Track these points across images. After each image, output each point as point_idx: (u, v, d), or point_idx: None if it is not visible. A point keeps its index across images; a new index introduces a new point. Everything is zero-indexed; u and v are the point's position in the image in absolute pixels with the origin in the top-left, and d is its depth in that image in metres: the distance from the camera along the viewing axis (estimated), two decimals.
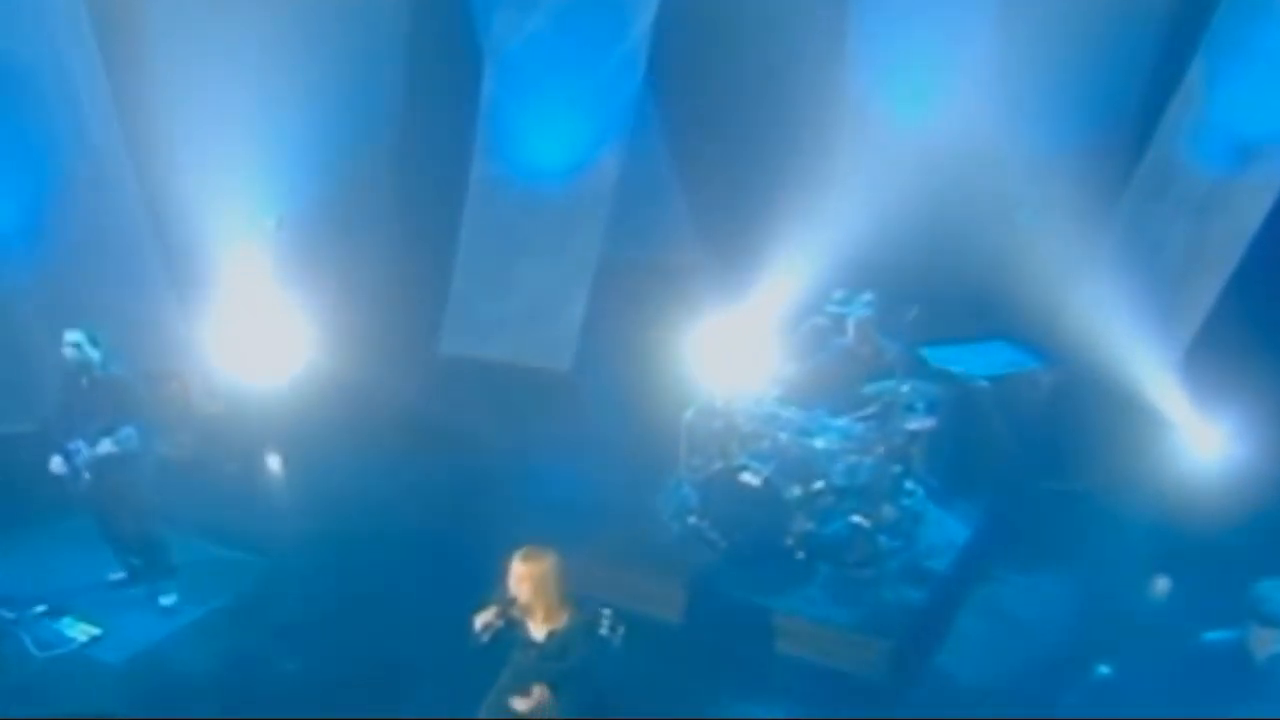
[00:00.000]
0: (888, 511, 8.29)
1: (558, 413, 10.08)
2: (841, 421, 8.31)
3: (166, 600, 8.06)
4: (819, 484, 8.24)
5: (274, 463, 9.44)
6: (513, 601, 6.17)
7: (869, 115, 10.15)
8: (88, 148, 9.26)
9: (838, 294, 8.51)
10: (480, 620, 6.05)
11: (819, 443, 8.28)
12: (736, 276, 8.88)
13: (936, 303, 8.72)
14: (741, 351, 8.60)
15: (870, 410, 8.28)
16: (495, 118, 11.21)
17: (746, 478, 8.23)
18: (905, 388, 8.04)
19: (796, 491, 8.18)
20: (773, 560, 8.05)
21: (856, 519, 8.31)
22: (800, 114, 10.09)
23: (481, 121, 11.26)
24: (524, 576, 6.14)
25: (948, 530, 8.67)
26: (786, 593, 7.95)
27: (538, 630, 6.32)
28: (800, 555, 8.17)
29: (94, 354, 7.79)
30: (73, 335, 7.78)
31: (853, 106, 10.17)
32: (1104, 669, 6.44)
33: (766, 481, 8.15)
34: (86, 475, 7.72)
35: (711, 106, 11.16)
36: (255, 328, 9.69)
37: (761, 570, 7.97)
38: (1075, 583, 8.24)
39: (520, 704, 6.20)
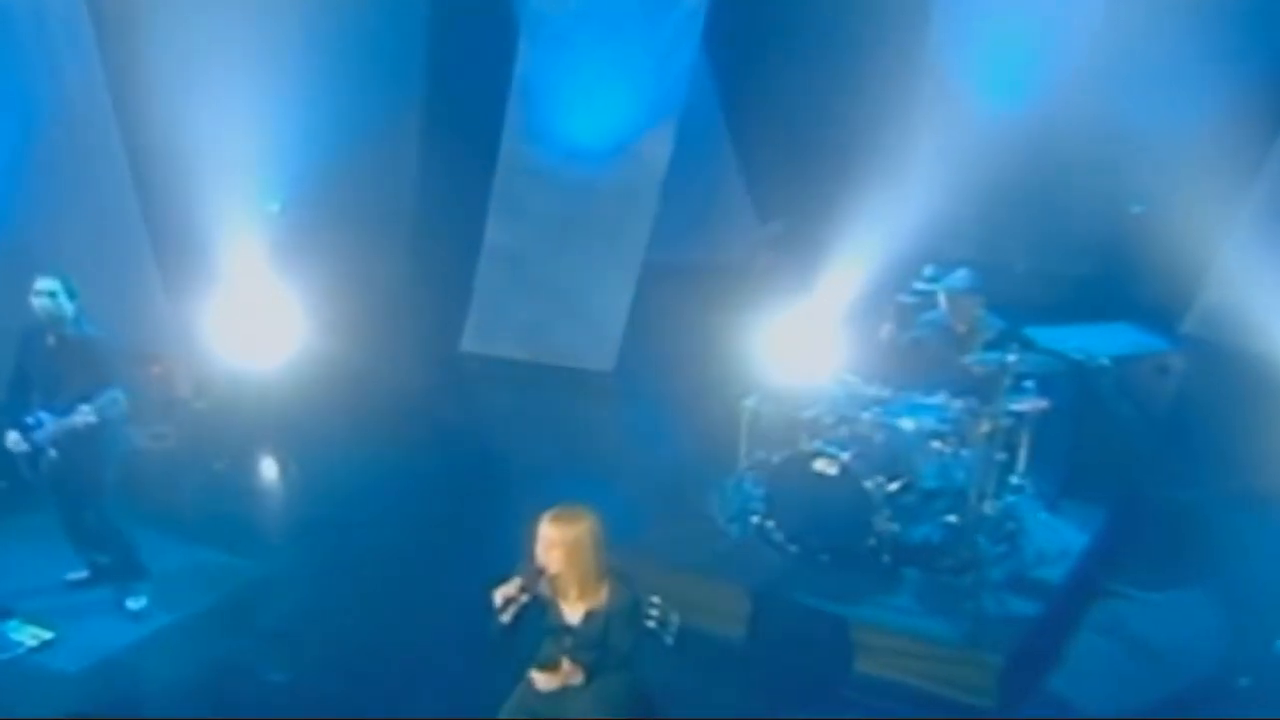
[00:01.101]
0: (989, 509, 7.75)
1: (597, 414, 9.98)
2: (936, 400, 7.81)
3: (134, 604, 7.58)
4: (907, 474, 7.80)
5: (267, 463, 9.24)
6: (540, 573, 5.54)
7: (957, 88, 10.19)
8: (71, 114, 9.22)
9: (928, 269, 8.30)
10: (501, 594, 5.45)
11: (908, 424, 7.80)
12: (803, 271, 8.68)
13: (1047, 284, 8.59)
14: (813, 338, 8.27)
15: (968, 388, 7.83)
16: (529, 95, 11.17)
17: (821, 466, 7.75)
18: (1012, 357, 7.30)
19: (881, 482, 7.69)
20: (852, 565, 7.63)
21: (951, 518, 7.85)
22: (878, 87, 10.07)
23: (513, 99, 11.21)
24: (555, 542, 5.51)
25: (1061, 535, 8.15)
26: (869, 602, 7.49)
27: (571, 611, 5.68)
28: (885, 559, 7.67)
29: (69, 307, 7.20)
30: (47, 283, 7.17)
31: (937, 77, 10.23)
32: (1248, 706, 6.28)
33: (845, 470, 7.66)
34: (52, 453, 7.14)
35: (776, 81, 11.10)
36: (251, 317, 9.65)
37: (838, 576, 7.59)
38: (1214, 603, 7.79)
39: (543, 681, 5.59)
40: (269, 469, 9.17)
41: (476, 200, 11.19)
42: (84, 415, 7.01)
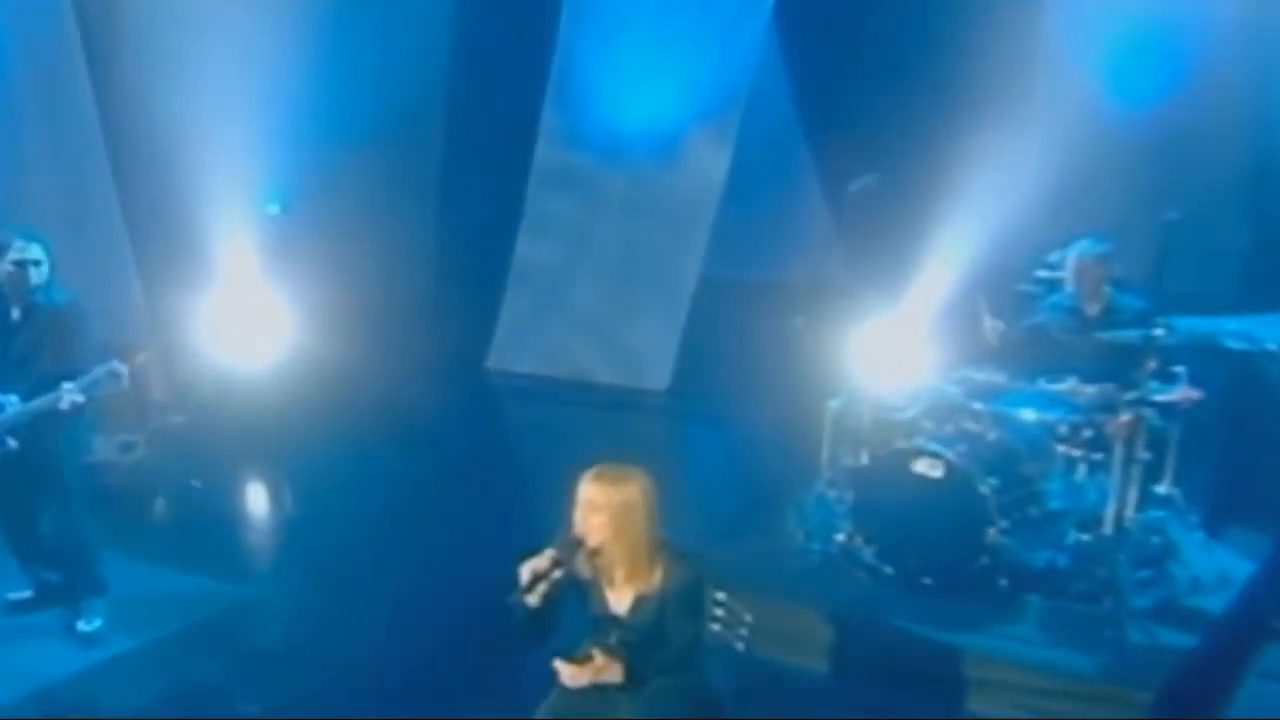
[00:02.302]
0: (1130, 522, 7.19)
1: (648, 431, 9.98)
2: (1063, 386, 7.34)
3: (87, 624, 7.11)
4: (1028, 477, 7.32)
5: (252, 480, 9.04)
6: (579, 546, 4.97)
7: (1077, 77, 10.01)
8: (49, 97, 9.31)
9: (1053, 256, 8.00)
10: (529, 568, 4.87)
11: (1028, 415, 7.34)
12: (891, 285, 8.29)
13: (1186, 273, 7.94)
14: (907, 334, 7.93)
15: (1102, 374, 7.36)
16: (570, 81, 11.09)
17: (922, 468, 7.22)
18: (1159, 331, 6.86)
19: (996, 487, 7.12)
20: (960, 588, 7.13)
21: (1083, 535, 7.34)
22: (984, 74, 9.85)
23: (552, 86, 11.16)
24: (598, 505, 4.95)
25: (1219, 559, 7.58)
26: (982, 630, 6.94)
27: (618, 597, 5.12)
28: (1003, 582, 7.11)
29: (44, 273, 6.78)
30: (32, 250, 6.74)
31: (1054, 65, 10.09)
32: None
33: (952, 472, 7.13)
34: (10, 443, 6.63)
35: (860, 66, 10.82)
36: (239, 320, 9.74)
37: (943, 601, 7.10)
38: None
39: (570, 674, 5.04)
40: (255, 487, 8.98)
41: (507, 205, 11.23)
42: (70, 394, 6.48)
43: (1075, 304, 7.73)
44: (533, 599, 4.84)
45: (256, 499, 8.86)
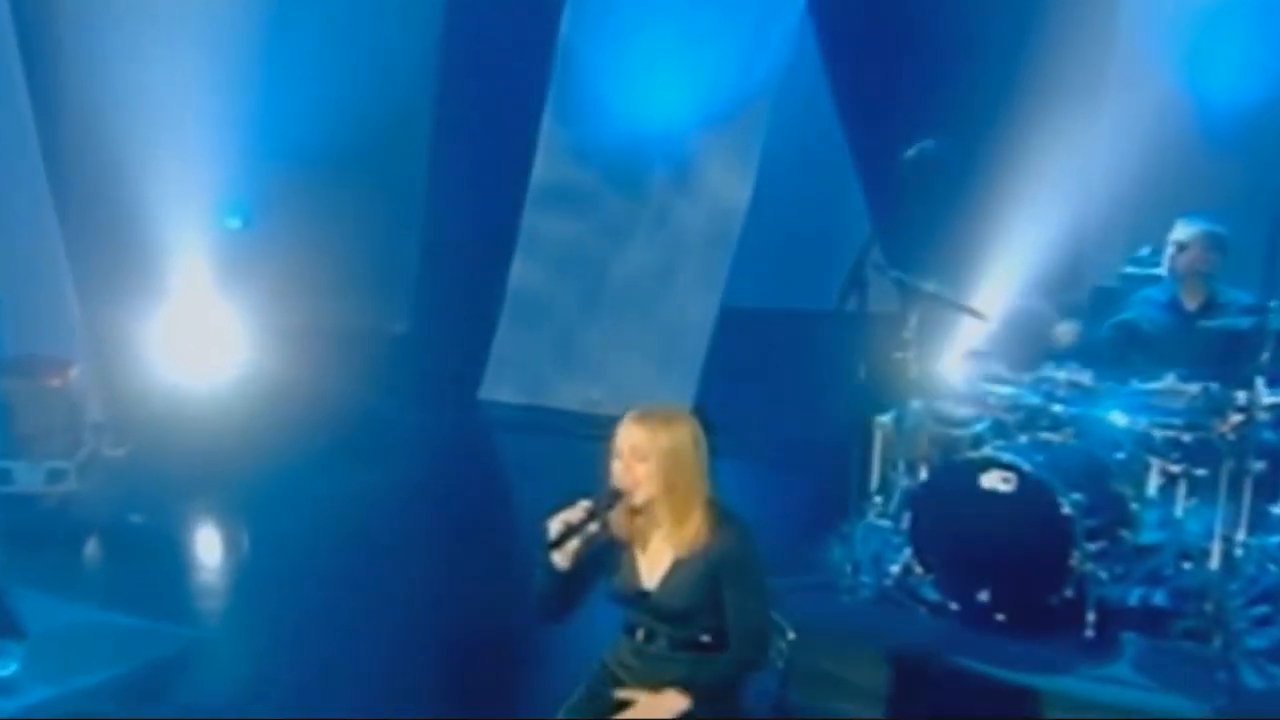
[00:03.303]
0: (1242, 547, 6.83)
1: None
2: (1160, 385, 7.00)
3: (2, 669, 6.81)
4: (1119, 492, 7.01)
5: (201, 520, 8.88)
6: (617, 497, 4.72)
7: (1153, 69, 9.84)
8: None
9: (1143, 250, 7.88)
10: (561, 520, 4.67)
11: (1119, 419, 7.03)
12: (950, 273, 8.14)
13: None
14: (965, 339, 7.86)
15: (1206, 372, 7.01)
16: (572, 89, 10.93)
17: (992, 483, 6.88)
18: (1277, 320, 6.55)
19: (1081, 504, 6.77)
20: (1040, 625, 6.81)
21: (1186, 563, 7.05)
22: (1055, 65, 9.64)
23: (553, 94, 11.02)
24: (644, 450, 4.70)
25: None
26: (1070, 671, 6.61)
27: (650, 566, 4.85)
28: (1091, 617, 6.76)
29: None
30: None
31: (1127, 56, 9.92)
32: None
33: (1028, 485, 6.78)
34: None
35: (909, 60, 10.33)
36: (189, 338, 9.97)
37: (1020, 641, 6.77)
38: None
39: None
40: (203, 523, 8.86)
41: (499, 224, 11.13)
42: None
43: (1172, 297, 7.50)
44: (561, 559, 4.65)
45: (205, 538, 8.72)
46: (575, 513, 4.67)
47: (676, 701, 4.71)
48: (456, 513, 8.99)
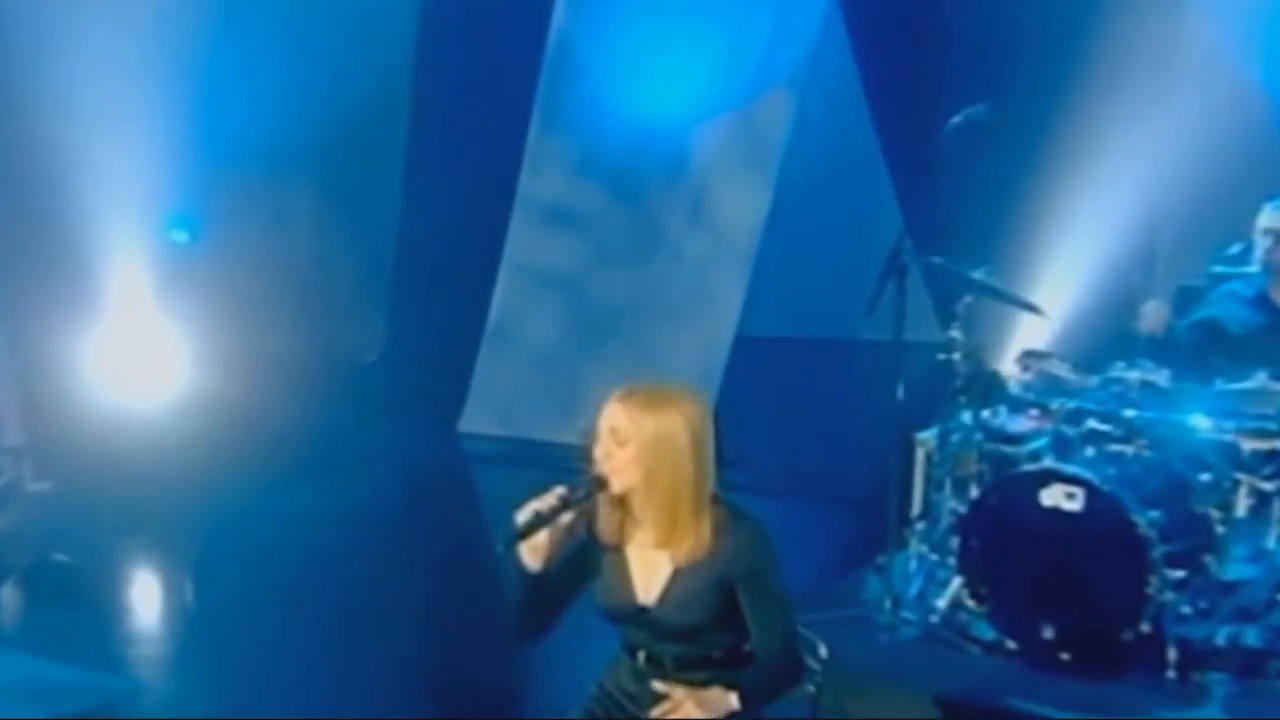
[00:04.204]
0: None
1: None
2: (1249, 384, 6.89)
3: None
4: (1203, 511, 6.86)
5: (136, 559, 8.88)
6: (599, 486, 4.47)
7: (1228, 60, 9.73)
8: None
9: (1234, 248, 7.81)
10: (529, 509, 4.42)
11: (1201, 423, 6.88)
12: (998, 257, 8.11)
13: None
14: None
15: None
16: (563, 91, 10.93)
17: (1055, 499, 6.77)
18: None
19: (1159, 523, 6.66)
20: (1112, 664, 6.71)
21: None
22: (1119, 60, 9.55)
23: (541, 97, 11.01)
24: (625, 434, 4.45)
25: None
26: (1152, 717, 6.54)
27: (646, 575, 4.56)
28: (1172, 655, 6.64)
29: None
30: None
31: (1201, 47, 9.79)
32: None
33: (1097, 502, 6.68)
34: None
35: (942, 49, 10.13)
36: (131, 367, 10.09)
37: (1089, 683, 6.69)
38: None
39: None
40: (138, 563, 8.86)
41: (480, 240, 11.13)
42: None
43: (1260, 291, 7.39)
44: (531, 557, 4.41)
45: (140, 580, 8.72)
46: (547, 500, 4.42)
47: (723, 699, 4.46)
48: (434, 555, 8.98)
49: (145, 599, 8.57)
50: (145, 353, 9.80)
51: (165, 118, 10.21)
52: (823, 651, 4.98)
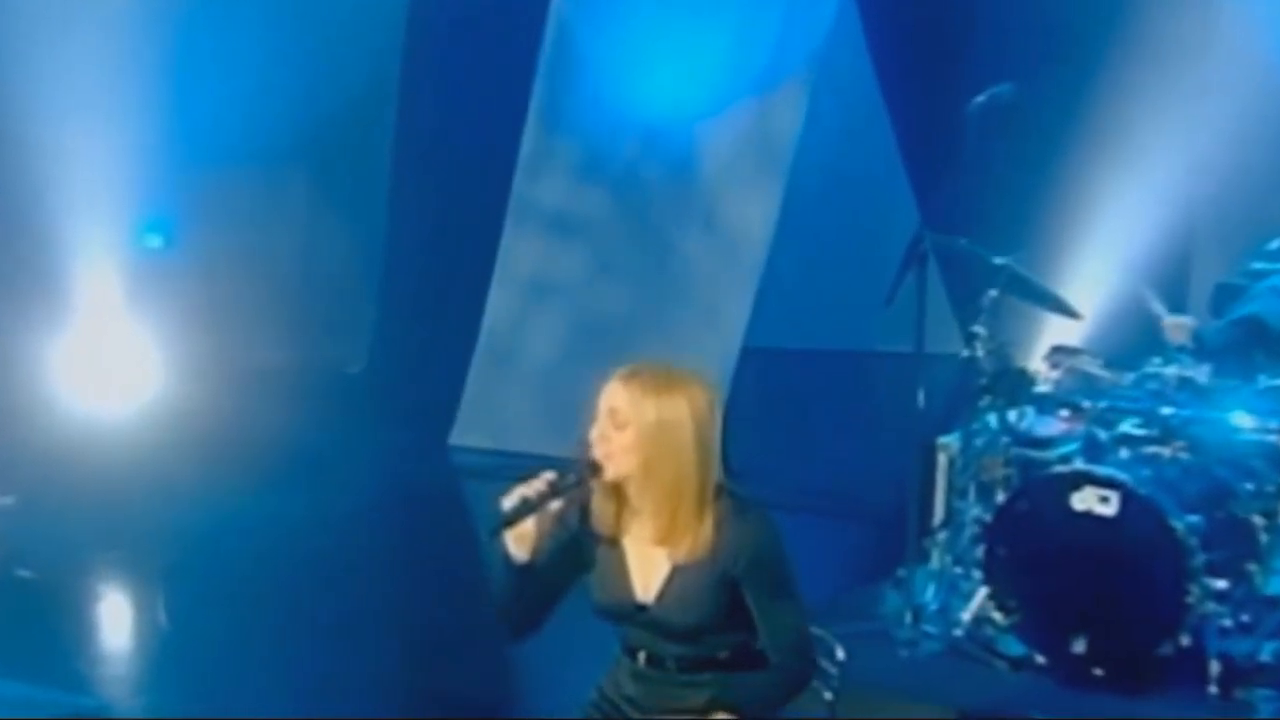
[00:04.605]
0: None
1: None
2: None
3: None
4: (1248, 514, 6.86)
5: (104, 567, 8.96)
6: (593, 471, 4.39)
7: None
8: None
9: (1275, 243, 7.81)
10: (517, 494, 4.33)
11: (1243, 421, 6.86)
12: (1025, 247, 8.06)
13: None
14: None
15: None
16: (560, 88, 10.94)
17: (1088, 503, 6.74)
18: None
19: (1198, 528, 6.62)
20: (1149, 680, 6.69)
21: None
22: (1155, 57, 9.67)
23: (537, 95, 11.00)
24: (624, 416, 4.37)
25: None
26: None
27: (644, 572, 4.49)
28: (1214, 670, 6.57)
29: None
30: None
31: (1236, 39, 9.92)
32: None
33: (1132, 506, 6.64)
34: None
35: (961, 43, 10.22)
36: (100, 376, 10.22)
37: (1124, 700, 6.67)
38: None
39: None
40: (107, 579, 8.91)
41: (473, 245, 11.19)
42: None
43: None
44: (518, 547, 4.30)
45: (107, 597, 8.79)
46: (535, 485, 4.31)
47: None
48: (424, 574, 9.02)
49: (112, 616, 8.60)
50: (115, 360, 9.99)
51: (138, 115, 10.41)
52: (840, 654, 4.84)
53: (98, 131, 10.04)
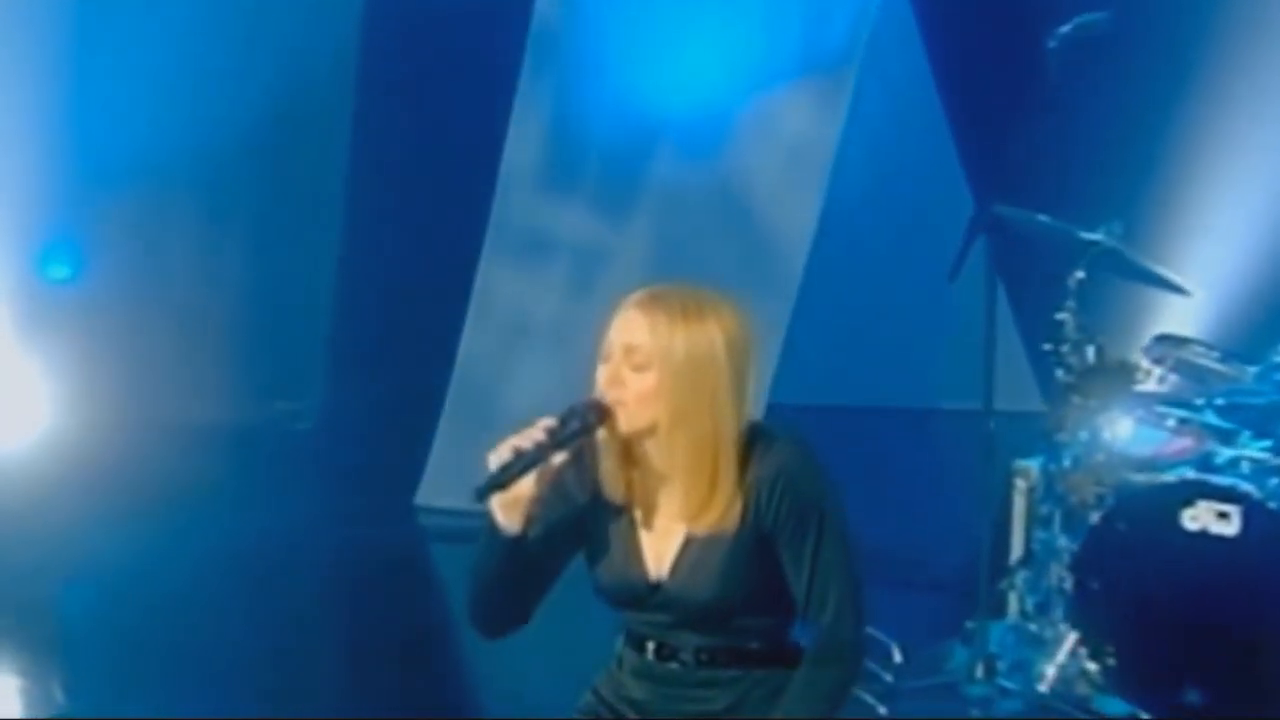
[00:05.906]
0: None
1: None
2: None
3: None
4: None
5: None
6: (599, 418, 4.32)
7: None
8: None
9: None
10: (508, 446, 4.24)
11: None
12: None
13: None
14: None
15: None
16: (548, 90, 10.92)
17: (1202, 521, 6.74)
18: None
19: None
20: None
21: None
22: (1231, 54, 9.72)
23: (520, 101, 10.94)
24: (645, 352, 4.29)
25: None
26: None
27: (658, 542, 4.42)
28: None
29: None
30: None
31: None
32: None
33: (1255, 519, 6.64)
34: None
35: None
36: None
37: None
38: None
39: None
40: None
41: (446, 276, 11.16)
42: None
43: None
44: (506, 515, 4.23)
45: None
46: (532, 435, 4.22)
47: None
48: (386, 647, 8.97)
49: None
50: (5, 400, 10.17)
51: (43, 126, 10.57)
52: (897, 657, 4.74)
53: None
